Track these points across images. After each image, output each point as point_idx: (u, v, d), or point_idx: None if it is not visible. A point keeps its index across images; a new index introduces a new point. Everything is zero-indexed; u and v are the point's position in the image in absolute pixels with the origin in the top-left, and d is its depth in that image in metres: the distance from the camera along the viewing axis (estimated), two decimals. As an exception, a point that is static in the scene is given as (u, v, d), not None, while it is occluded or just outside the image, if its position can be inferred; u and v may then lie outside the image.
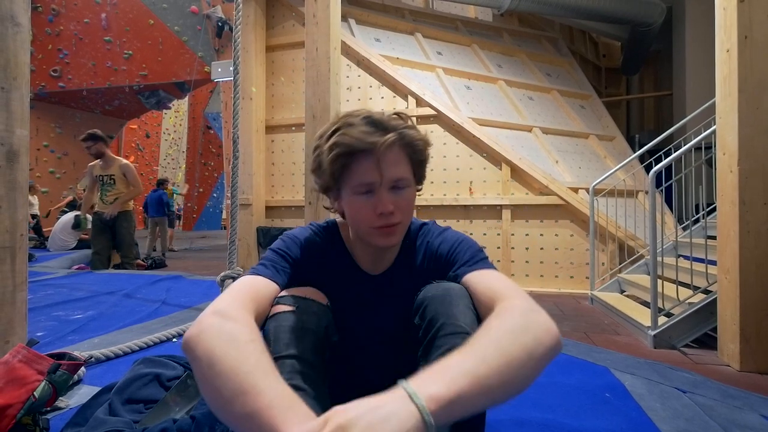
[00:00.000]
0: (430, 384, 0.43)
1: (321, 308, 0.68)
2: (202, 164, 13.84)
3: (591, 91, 5.47)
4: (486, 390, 0.45)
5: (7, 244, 1.24)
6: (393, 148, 0.67)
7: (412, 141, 0.69)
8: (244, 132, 4.36)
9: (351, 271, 0.78)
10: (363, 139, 0.65)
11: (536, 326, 0.53)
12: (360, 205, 0.68)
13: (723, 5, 1.94)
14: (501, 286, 0.62)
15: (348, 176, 0.68)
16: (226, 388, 0.46)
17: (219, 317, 0.54)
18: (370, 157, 0.66)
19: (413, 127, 0.72)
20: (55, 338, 1.77)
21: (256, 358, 0.49)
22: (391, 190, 0.68)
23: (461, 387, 0.43)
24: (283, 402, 0.45)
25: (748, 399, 1.32)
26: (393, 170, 0.67)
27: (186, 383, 1.07)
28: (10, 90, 1.26)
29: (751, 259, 1.80)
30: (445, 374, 0.45)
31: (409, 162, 0.70)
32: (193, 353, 0.51)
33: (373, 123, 0.67)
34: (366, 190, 0.67)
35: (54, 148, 7.50)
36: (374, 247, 0.73)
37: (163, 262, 5.23)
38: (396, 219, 0.68)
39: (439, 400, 0.42)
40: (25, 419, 0.87)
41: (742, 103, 1.83)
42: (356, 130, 0.66)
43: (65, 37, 6.91)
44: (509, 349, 0.49)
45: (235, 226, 2.15)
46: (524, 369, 0.49)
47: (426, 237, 0.78)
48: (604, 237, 3.51)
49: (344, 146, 0.65)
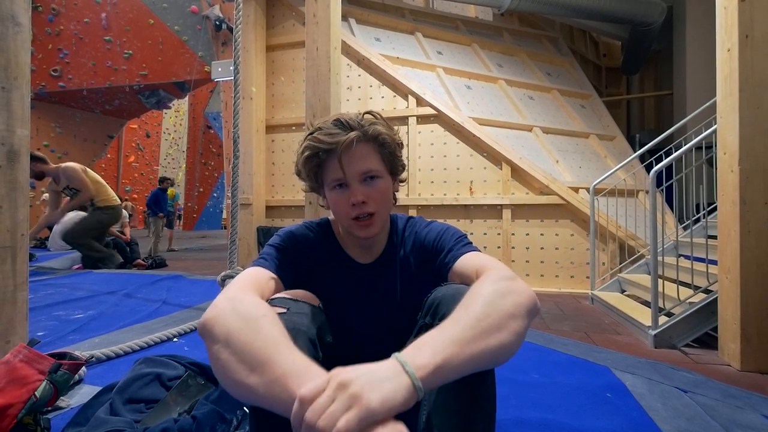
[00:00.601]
0: (418, 355, 0.49)
1: (313, 309, 0.69)
2: (203, 164, 13.84)
3: (591, 91, 5.47)
4: (470, 355, 0.50)
5: (8, 243, 1.24)
6: (357, 144, 0.73)
7: (376, 135, 0.75)
8: (244, 132, 4.36)
9: (343, 261, 0.83)
10: (327, 141, 0.72)
11: (512, 291, 0.58)
12: (336, 198, 0.75)
13: (724, 4, 1.94)
14: (484, 262, 0.68)
15: (323, 174, 0.76)
16: (244, 362, 0.50)
17: (231, 301, 0.58)
18: (334, 155, 0.73)
19: (381, 124, 0.77)
20: (56, 338, 1.77)
21: (269, 332, 0.53)
22: (363, 183, 0.74)
23: (446, 355, 0.49)
24: (297, 369, 0.49)
25: (749, 399, 1.32)
26: (359, 164, 0.73)
27: (187, 383, 1.07)
28: (10, 90, 1.26)
29: (752, 259, 1.80)
30: (433, 345, 0.50)
31: (378, 155, 0.76)
32: (210, 334, 0.55)
33: (339, 124, 0.74)
34: (338, 184, 0.75)
35: (54, 148, 7.49)
36: (357, 238, 0.79)
37: (164, 262, 5.23)
38: (369, 209, 0.74)
39: (426, 367, 0.47)
40: (26, 419, 0.87)
41: (743, 102, 1.83)
42: (323, 133, 0.73)
43: (65, 36, 6.90)
44: (489, 314, 0.54)
45: (235, 226, 2.15)
46: (505, 331, 0.53)
47: (413, 228, 0.85)
48: (604, 237, 3.51)
49: (312, 148, 0.74)
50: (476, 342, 0.51)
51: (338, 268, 0.82)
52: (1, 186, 1.24)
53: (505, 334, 0.53)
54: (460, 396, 0.55)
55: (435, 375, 0.48)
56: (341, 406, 0.43)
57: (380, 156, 0.76)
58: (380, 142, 0.76)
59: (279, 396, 0.47)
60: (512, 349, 0.54)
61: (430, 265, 0.79)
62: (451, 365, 0.49)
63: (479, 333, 0.52)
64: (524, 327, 0.56)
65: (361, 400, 0.43)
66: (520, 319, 0.56)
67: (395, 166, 0.80)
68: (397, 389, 0.45)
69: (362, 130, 0.74)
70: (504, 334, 0.53)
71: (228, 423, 0.96)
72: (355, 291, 0.82)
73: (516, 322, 0.55)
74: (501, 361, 0.54)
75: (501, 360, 0.54)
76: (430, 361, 0.48)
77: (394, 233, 0.85)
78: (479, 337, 0.51)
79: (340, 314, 0.81)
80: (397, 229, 0.85)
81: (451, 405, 0.55)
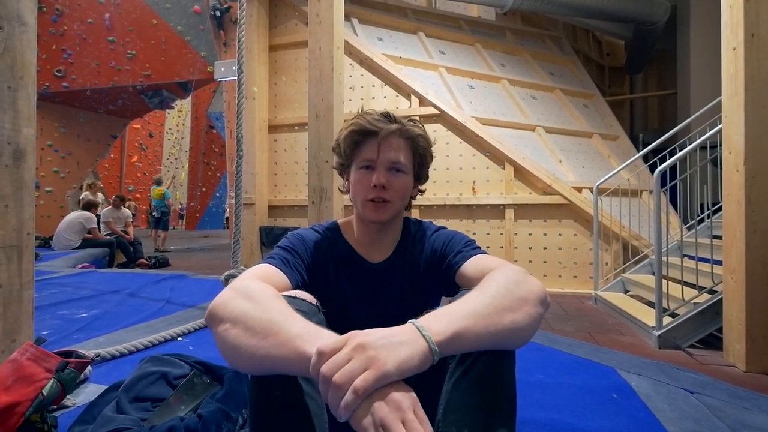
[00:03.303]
0: (434, 322, 0.52)
1: (311, 308, 0.69)
2: (205, 164, 13.87)
3: (594, 90, 5.45)
4: (485, 328, 0.54)
5: (14, 242, 1.25)
6: (395, 135, 0.79)
7: (413, 134, 0.81)
8: (247, 131, 4.36)
9: (353, 261, 0.85)
10: (372, 123, 0.79)
11: (526, 282, 0.62)
12: (360, 178, 0.80)
13: (729, 3, 1.93)
14: (492, 263, 0.70)
15: (356, 153, 0.81)
16: (256, 333, 0.52)
17: (236, 289, 0.61)
18: (374, 139, 0.79)
19: (419, 127, 0.83)
20: (61, 337, 1.78)
21: (277, 306, 0.56)
22: (389, 171, 0.79)
23: (462, 325, 0.52)
24: (309, 330, 0.52)
25: (756, 400, 1.32)
26: (392, 153, 0.79)
27: (192, 382, 1.07)
28: (17, 89, 1.26)
29: (758, 259, 1.79)
30: (449, 315, 0.54)
31: (410, 153, 0.82)
32: (218, 317, 0.57)
33: (385, 115, 0.81)
34: (367, 165, 0.80)
35: (58, 148, 7.51)
36: (367, 224, 0.83)
37: (167, 261, 5.24)
38: (387, 195, 0.79)
39: (443, 333, 0.51)
40: (33, 417, 0.87)
41: (749, 101, 1.82)
42: (371, 118, 0.80)
43: (69, 37, 6.92)
44: (504, 296, 0.57)
45: (239, 225, 2.16)
46: (519, 312, 0.57)
47: (424, 231, 0.88)
48: (607, 237, 3.50)
49: (357, 126, 0.80)
50: (491, 317, 0.54)
51: (347, 267, 0.84)
52: (7, 185, 1.24)
53: (520, 315, 0.57)
54: (479, 393, 0.55)
55: (451, 342, 0.51)
56: (359, 366, 0.45)
57: (412, 155, 0.82)
58: (415, 144, 0.82)
59: (292, 353, 0.49)
60: (526, 331, 0.58)
61: (438, 267, 0.81)
62: (466, 335, 0.52)
63: (494, 310, 0.55)
64: (537, 313, 0.59)
65: (378, 362, 0.46)
66: (533, 305, 0.59)
67: (421, 170, 0.85)
68: (414, 353, 0.48)
69: (404, 127, 0.80)
70: (518, 314, 0.57)
71: (234, 422, 0.96)
72: (364, 290, 0.84)
73: (529, 306, 0.58)
74: (516, 342, 0.58)
75: (516, 341, 0.57)
76: (447, 328, 0.51)
77: (406, 235, 0.88)
78: (494, 314, 0.55)
79: (346, 312, 0.82)
80: (409, 231, 0.88)
81: (470, 402, 0.55)
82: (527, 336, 0.59)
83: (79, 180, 7.81)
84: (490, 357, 0.57)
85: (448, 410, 0.56)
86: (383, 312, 0.84)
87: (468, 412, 0.55)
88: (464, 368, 0.57)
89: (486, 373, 0.56)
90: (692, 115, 3.65)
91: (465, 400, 0.55)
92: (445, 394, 0.58)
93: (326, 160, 2.85)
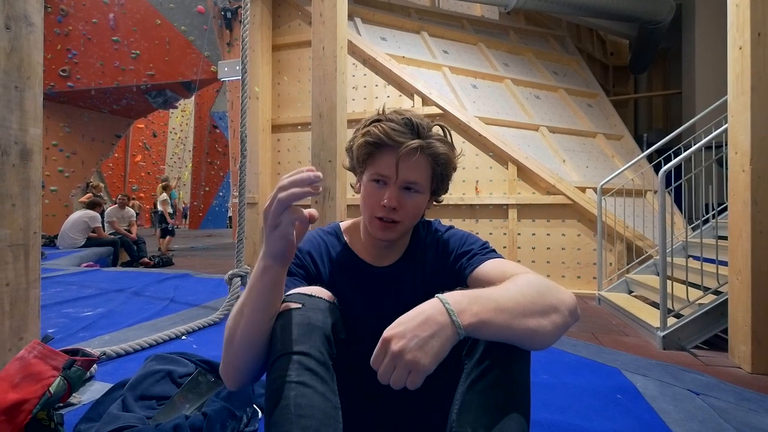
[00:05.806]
0: (466, 308, 0.54)
1: (328, 305, 0.68)
2: (209, 163, 13.90)
3: (598, 90, 5.43)
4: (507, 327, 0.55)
5: (21, 241, 1.26)
6: (416, 152, 0.71)
7: (435, 152, 0.74)
8: (250, 131, 4.37)
9: (357, 265, 0.81)
10: (391, 137, 0.71)
11: (559, 290, 0.62)
12: (371, 191, 0.74)
13: (736, 2, 1.92)
14: (514, 268, 0.69)
15: (370, 164, 0.74)
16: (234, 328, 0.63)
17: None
18: (392, 154, 0.71)
19: (446, 142, 0.76)
20: (66, 335, 1.79)
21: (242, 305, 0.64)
22: (403, 190, 0.73)
23: (489, 317, 0.54)
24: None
25: (763, 402, 1.31)
26: (409, 173, 0.72)
27: (197, 380, 1.08)
28: (23, 89, 1.27)
29: (763, 260, 1.78)
30: (480, 304, 0.55)
31: (430, 171, 0.75)
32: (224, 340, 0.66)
33: (408, 125, 0.72)
34: (380, 180, 0.73)
35: (63, 147, 7.55)
36: (373, 239, 0.79)
37: (171, 260, 5.26)
38: (397, 217, 0.73)
39: (470, 322, 0.54)
40: (40, 414, 0.88)
41: (755, 101, 1.81)
42: (390, 125, 0.72)
43: (74, 37, 6.96)
44: (536, 301, 0.58)
45: (242, 225, 2.16)
46: (547, 319, 0.57)
47: (434, 233, 0.83)
48: (611, 237, 3.48)
49: (373, 136, 0.72)
50: (519, 318, 0.56)
51: (350, 271, 0.81)
52: (14, 184, 1.25)
53: (547, 321, 0.57)
54: (495, 395, 0.55)
55: (477, 329, 0.54)
56: (404, 372, 0.52)
57: (431, 172, 0.75)
58: (437, 161, 0.75)
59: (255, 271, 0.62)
60: (549, 337, 0.58)
61: (449, 268, 0.78)
62: (491, 328, 0.55)
63: (524, 311, 0.56)
64: (564, 323, 0.59)
65: (417, 364, 0.51)
66: (561, 315, 0.59)
67: (440, 186, 0.80)
68: (444, 343, 0.53)
69: (427, 142, 0.73)
70: (545, 320, 0.57)
71: (238, 420, 0.96)
72: (370, 294, 0.81)
73: (557, 315, 0.59)
74: (536, 346, 0.59)
75: (537, 344, 0.58)
76: (476, 318, 0.54)
77: (416, 238, 0.84)
78: (523, 314, 0.56)
79: (354, 318, 0.79)
80: (419, 233, 0.84)
81: (486, 403, 0.55)
82: (549, 342, 0.59)
83: (84, 179, 7.85)
84: (506, 359, 0.57)
85: (463, 410, 0.56)
86: (392, 315, 0.81)
87: (484, 413, 0.55)
88: (481, 370, 0.57)
89: (502, 375, 0.56)
90: (697, 115, 3.63)
91: (481, 401, 0.55)
92: (460, 394, 0.58)
93: (329, 159, 2.85)
